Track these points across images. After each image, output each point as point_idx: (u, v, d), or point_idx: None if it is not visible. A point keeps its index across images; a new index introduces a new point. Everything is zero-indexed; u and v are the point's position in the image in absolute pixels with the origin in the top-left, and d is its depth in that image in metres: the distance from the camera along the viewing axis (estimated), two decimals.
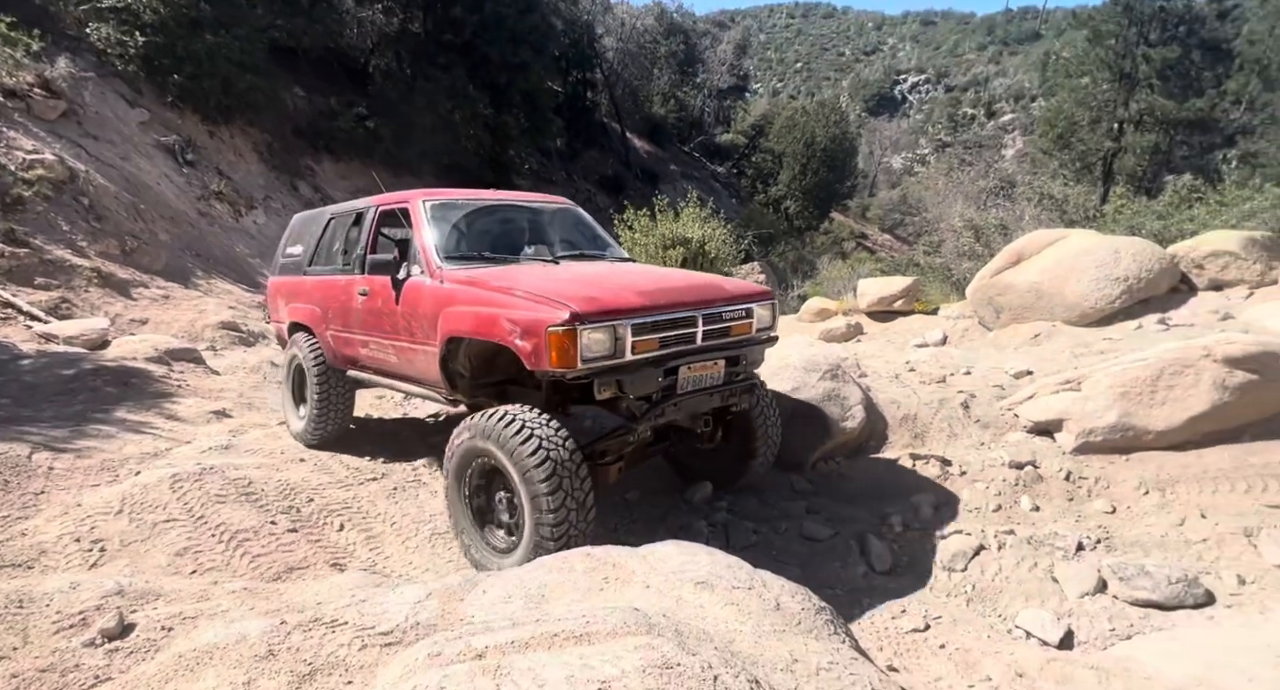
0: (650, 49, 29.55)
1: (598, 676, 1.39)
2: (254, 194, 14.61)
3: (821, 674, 1.86)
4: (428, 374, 3.64)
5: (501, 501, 3.17)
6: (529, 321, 2.90)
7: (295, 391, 4.99)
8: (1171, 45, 22.48)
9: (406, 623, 2.01)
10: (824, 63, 49.87)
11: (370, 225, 4.21)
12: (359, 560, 3.40)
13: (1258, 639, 2.57)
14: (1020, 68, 41.48)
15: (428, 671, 1.47)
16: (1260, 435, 3.91)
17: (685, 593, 2.27)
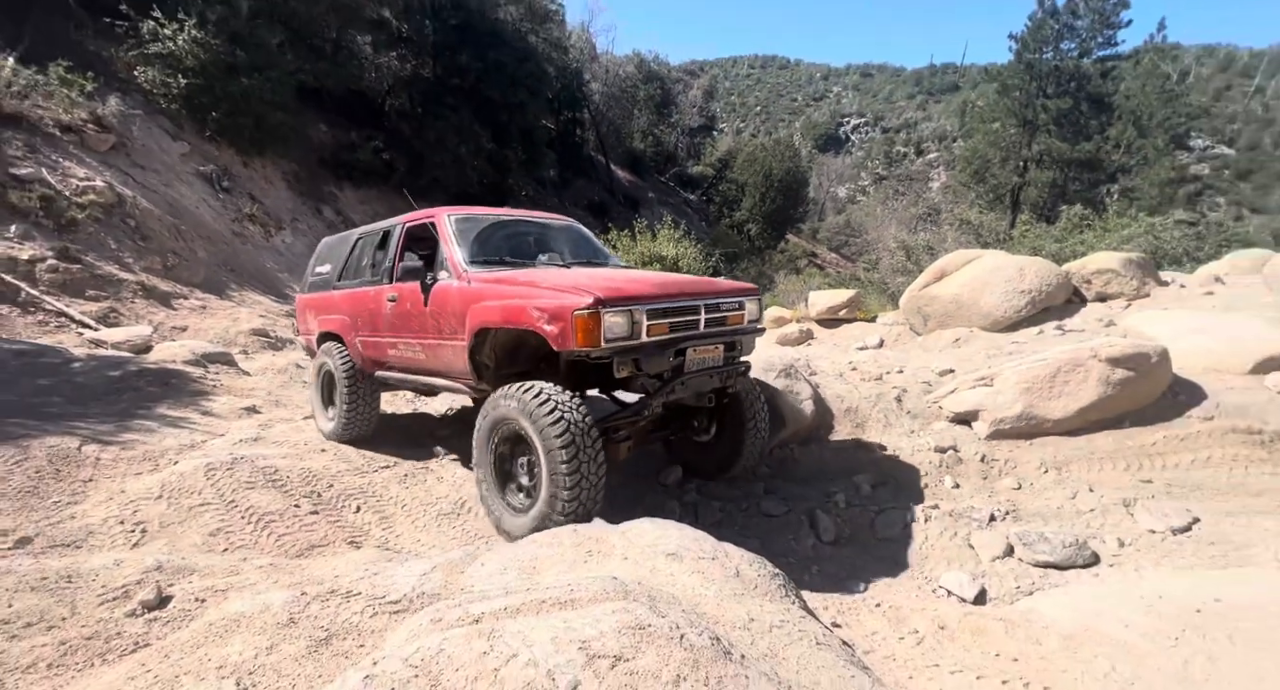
0: (631, 92, 29.59)
1: (579, 637, 1.38)
2: (282, 216, 14.31)
3: (774, 631, 1.87)
4: (454, 366, 3.58)
5: (522, 466, 3.14)
6: (556, 307, 2.89)
7: (324, 395, 4.87)
8: (1064, 98, 23.17)
9: (413, 592, 1.97)
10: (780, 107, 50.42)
11: (398, 239, 4.19)
12: (374, 539, 3.33)
13: (1133, 592, 2.64)
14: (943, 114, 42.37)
15: (430, 635, 1.44)
16: (1136, 422, 4.03)
17: (658, 563, 2.27)
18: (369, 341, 4.36)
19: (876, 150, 44.92)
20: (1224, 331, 4.82)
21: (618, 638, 1.40)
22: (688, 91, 35.60)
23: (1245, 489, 3.40)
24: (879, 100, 48.83)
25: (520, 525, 2.97)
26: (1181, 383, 4.28)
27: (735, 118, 47.68)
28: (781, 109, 49.94)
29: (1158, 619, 2.46)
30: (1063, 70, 23.52)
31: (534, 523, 2.90)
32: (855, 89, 51.25)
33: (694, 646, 1.43)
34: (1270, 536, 2.95)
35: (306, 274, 5.47)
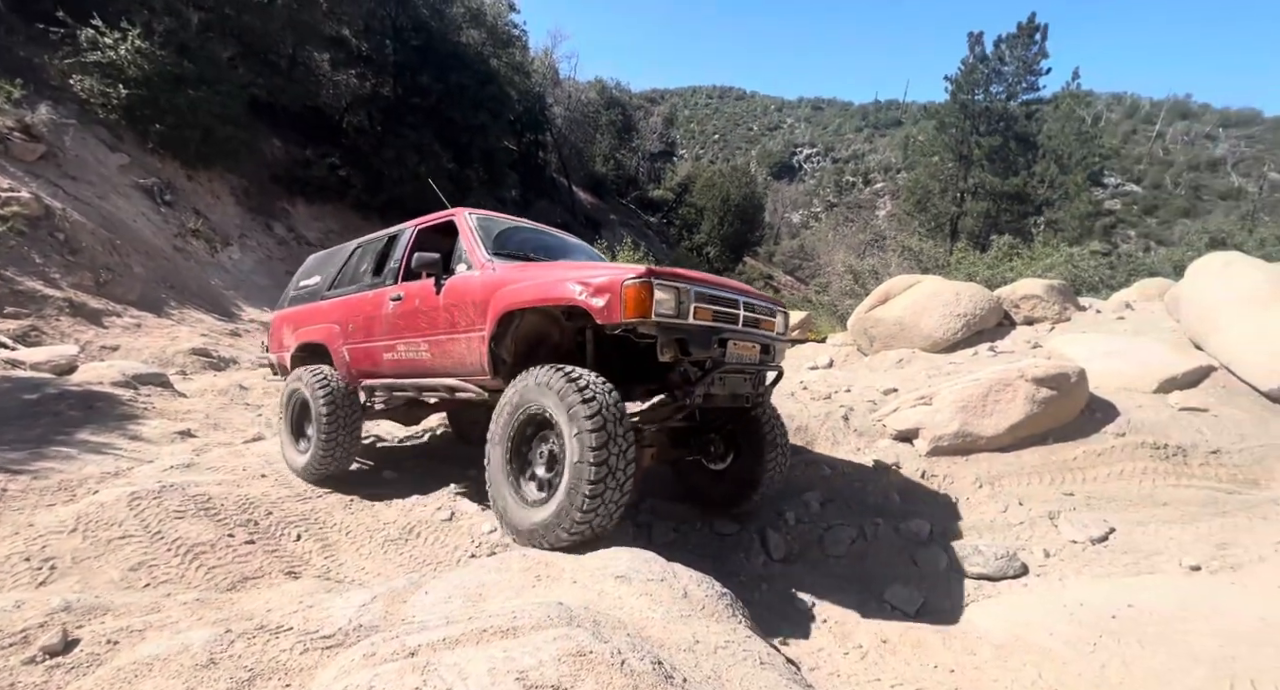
0: (593, 117, 30.04)
1: (517, 667, 1.35)
2: (230, 232, 13.71)
3: (719, 651, 1.88)
4: (466, 362, 3.34)
5: (541, 455, 2.88)
6: (602, 281, 2.73)
7: (294, 426, 4.35)
8: (995, 136, 24.91)
9: (349, 626, 1.88)
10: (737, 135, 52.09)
11: (409, 241, 4.01)
12: (314, 568, 3.16)
13: (1057, 601, 2.78)
14: (888, 147, 44.69)
15: (361, 671, 1.38)
16: (1059, 438, 4.28)
17: (607, 586, 2.25)
18: (360, 348, 4.09)
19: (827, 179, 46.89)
20: (1133, 354, 5.21)
21: (557, 666, 1.37)
22: (648, 118, 36.43)
23: (1153, 500, 3.65)
24: (829, 132, 51.20)
25: (527, 520, 2.75)
26: (1098, 401, 4.58)
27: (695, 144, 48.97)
28: (739, 138, 51.65)
29: (1078, 626, 2.60)
30: (993, 111, 25.33)
31: (547, 518, 2.66)
32: (807, 121, 53.60)
33: (635, 672, 1.41)
34: (1174, 544, 3.17)
35: (288, 290, 5.23)
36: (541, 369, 2.81)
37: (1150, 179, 41.00)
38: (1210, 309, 5.01)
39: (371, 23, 17.08)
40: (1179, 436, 4.14)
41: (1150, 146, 43.54)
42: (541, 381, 2.76)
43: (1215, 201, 32.92)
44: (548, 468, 2.85)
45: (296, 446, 4.34)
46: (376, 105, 18.00)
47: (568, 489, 2.58)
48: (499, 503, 2.91)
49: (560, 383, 2.68)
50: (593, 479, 2.53)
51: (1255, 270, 4.98)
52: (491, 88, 19.10)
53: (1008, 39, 25.03)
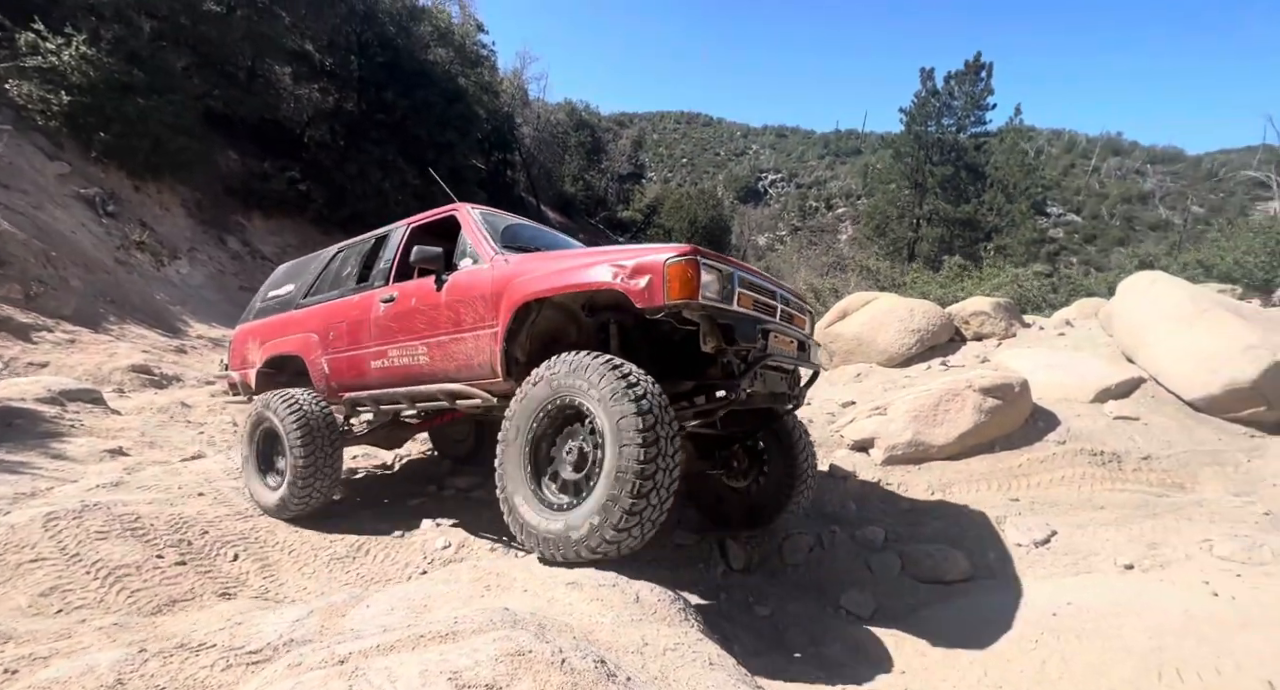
0: (562, 138, 30.40)
1: (451, 667, 1.31)
2: (179, 245, 13.19)
3: (668, 653, 1.86)
4: (473, 363, 3.02)
5: (569, 454, 2.51)
6: (641, 261, 2.48)
7: (262, 458, 3.86)
8: (947, 166, 26.36)
9: (280, 641, 1.79)
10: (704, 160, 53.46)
11: (401, 240, 3.75)
12: (251, 588, 3.00)
13: (1002, 600, 2.87)
14: (848, 174, 46.58)
15: (283, 681, 1.31)
16: (1005, 446, 4.46)
17: (558, 593, 2.21)
18: (343, 358, 3.75)
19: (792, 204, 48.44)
20: (1072, 367, 5.51)
21: (494, 666, 1.34)
22: (617, 140, 37.09)
23: (1092, 503, 3.83)
24: (793, 159, 53.08)
25: (544, 525, 2.41)
26: (1041, 411, 4.81)
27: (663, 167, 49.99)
28: (706, 162, 52.98)
29: (1022, 624, 2.68)
30: (944, 142, 26.83)
31: (570, 527, 2.30)
32: (772, 147, 55.46)
33: (575, 670, 1.39)
34: (1110, 545, 3.32)
35: (254, 302, 4.82)
36: (577, 355, 2.48)
37: (1089, 210, 43.82)
38: (1139, 325, 5.36)
39: (336, 38, 17.00)
40: (1114, 443, 4.37)
41: (1088, 179, 46.65)
42: (579, 370, 2.41)
43: (1146, 232, 35.40)
44: (575, 467, 2.49)
45: (265, 482, 3.81)
46: (340, 120, 17.79)
47: (603, 500, 2.23)
48: (511, 502, 2.56)
49: (604, 374, 2.33)
50: (636, 493, 2.18)
51: (1178, 289, 5.36)
52: (459, 106, 19.16)
53: (956, 75, 26.69)
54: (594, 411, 2.34)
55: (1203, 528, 3.23)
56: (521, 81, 29.28)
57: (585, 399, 2.38)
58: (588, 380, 2.37)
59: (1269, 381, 4.25)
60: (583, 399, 2.39)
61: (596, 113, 35.33)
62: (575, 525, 2.30)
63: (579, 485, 2.45)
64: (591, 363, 2.40)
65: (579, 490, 2.43)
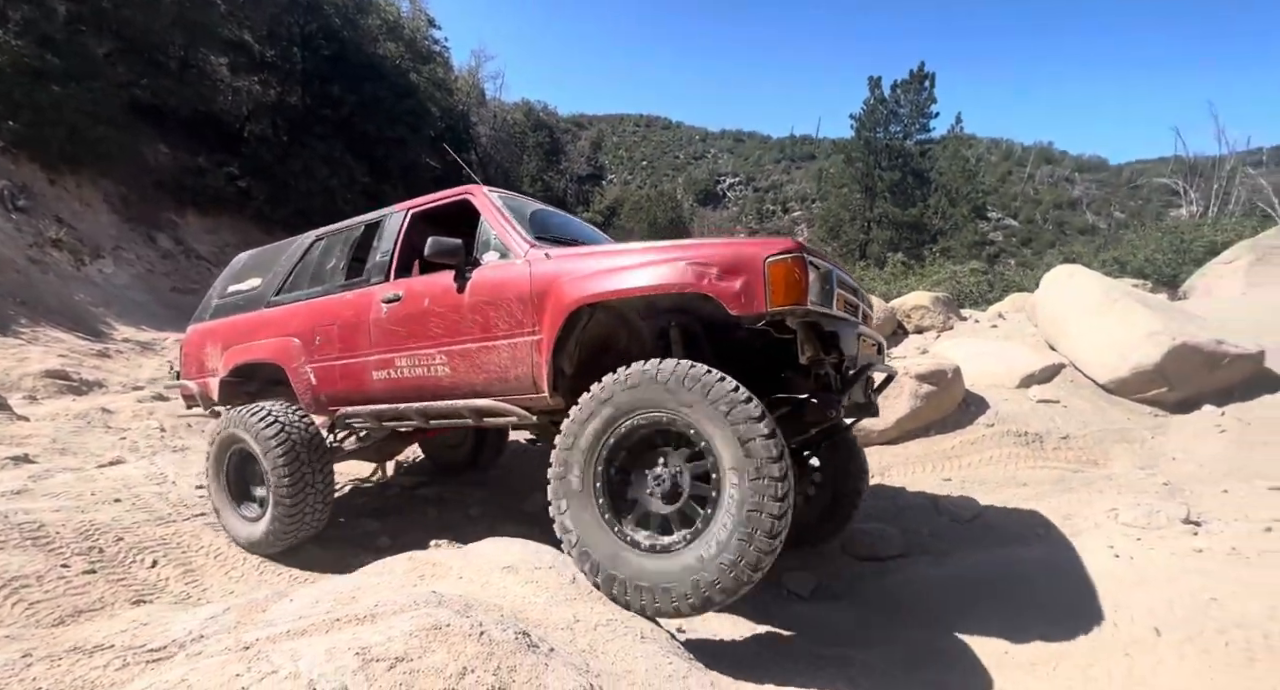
0: (520, 139, 30.09)
1: (360, 644, 1.28)
2: (102, 243, 12.34)
3: (599, 628, 1.87)
4: (508, 376, 2.60)
5: (658, 482, 2.11)
6: (734, 257, 2.12)
7: (234, 484, 3.36)
8: (895, 171, 27.49)
9: (188, 637, 1.70)
10: (664, 163, 53.90)
11: (400, 228, 3.23)
12: (170, 594, 2.83)
13: (935, 573, 3.01)
14: (803, 178, 47.87)
15: (177, 669, 1.25)
16: (939, 430, 4.69)
17: (493, 577, 2.18)
18: (334, 367, 3.21)
19: (749, 207, 49.36)
20: (1002, 356, 5.84)
21: (406, 641, 1.31)
22: (576, 142, 37.01)
23: (1016, 480, 4.06)
24: (750, 163, 54.15)
25: (643, 571, 2.00)
26: (972, 396, 5.07)
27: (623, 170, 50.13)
28: (665, 165, 53.44)
29: (952, 591, 2.82)
30: (892, 148, 27.97)
31: (695, 570, 1.91)
32: (730, 152, 56.44)
33: (493, 641, 1.38)
34: (1031, 518, 3.53)
35: (208, 298, 4.16)
36: (669, 365, 2.08)
37: (1025, 215, 46.41)
38: (1059, 315, 5.73)
39: (277, 28, 16.31)
40: (1036, 425, 4.65)
41: (1023, 186, 49.42)
42: (682, 383, 2.01)
43: (1076, 235, 37.79)
44: (668, 499, 2.11)
45: (241, 513, 3.31)
46: (282, 114, 17.06)
47: (737, 538, 1.86)
48: (585, 548, 2.12)
49: (722, 390, 1.96)
50: (771, 533, 1.85)
51: (1093, 281, 5.76)
52: (410, 102, 18.69)
53: (902, 84, 27.86)
54: (708, 435, 1.97)
55: (1111, 499, 3.48)
56: (477, 80, 28.83)
57: (694, 419, 1.99)
58: (698, 396, 1.98)
59: (1170, 364, 4.62)
60: (690, 419, 2.00)
61: (555, 113, 35.17)
62: (697, 567, 1.91)
63: (676, 520, 2.09)
64: (703, 376, 2.01)
65: (685, 523, 2.06)
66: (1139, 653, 2.14)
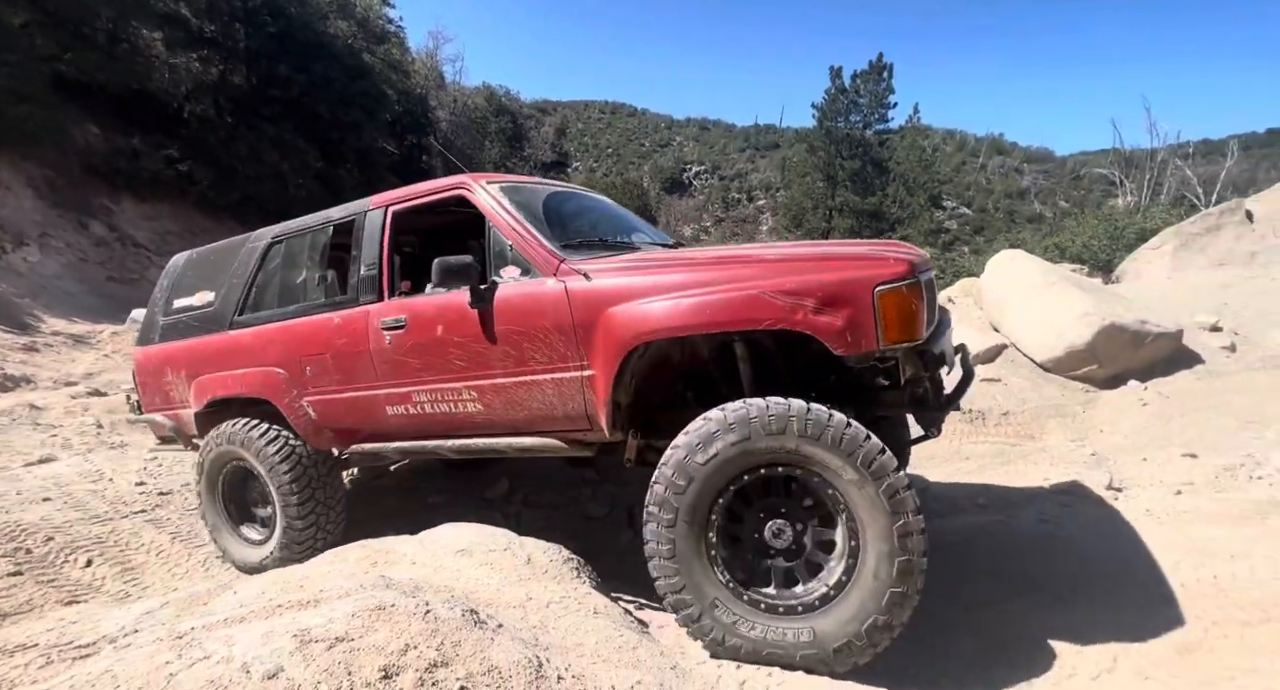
0: (481, 124, 29.35)
1: (299, 627, 1.26)
2: (26, 230, 11.51)
3: (551, 606, 1.89)
4: (555, 413, 2.31)
5: (780, 536, 1.92)
6: (835, 286, 1.84)
7: (230, 506, 3.14)
8: (855, 160, 28.03)
9: (120, 632, 1.63)
10: (630, 151, 53.49)
11: (382, 231, 2.72)
12: (107, 594, 2.72)
13: None
14: (767, 167, 48.28)
15: (99, 661, 1.20)
16: None
17: (446, 561, 2.17)
18: (337, 401, 2.80)
19: (715, 195, 49.55)
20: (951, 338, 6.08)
21: (348, 621, 1.30)
22: (540, 128, 36.33)
23: (960, 455, 4.26)
24: (715, 151, 54.31)
25: (791, 636, 1.85)
26: None
27: (589, 157, 49.55)
28: (631, 153, 53.06)
29: None
30: (853, 138, 28.49)
31: (836, 635, 1.80)
32: (695, 140, 56.45)
33: (439, 619, 1.38)
34: (973, 490, 3.72)
35: (151, 313, 3.58)
36: (794, 406, 1.85)
37: (978, 204, 48.07)
38: (1001, 297, 5.99)
39: (216, 2, 15.36)
40: (980, 402, 4.88)
41: (976, 176, 51.08)
42: (811, 426, 1.81)
43: (1025, 224, 39.39)
44: (787, 556, 1.93)
45: (242, 536, 3.09)
46: (226, 94, 16.14)
47: (883, 586, 1.76)
48: (704, 611, 1.91)
49: (850, 437, 1.80)
50: (919, 585, 1.77)
51: (1032, 265, 6.05)
52: (364, 83, 17.96)
53: (862, 75, 28.32)
54: (843, 490, 1.80)
55: (1044, 470, 3.69)
56: (435, 62, 27.90)
57: (826, 468, 1.81)
58: (830, 447, 1.79)
59: (1100, 343, 4.91)
60: (820, 468, 1.81)
61: (517, 99, 34.38)
62: (842, 631, 1.79)
63: (818, 573, 1.90)
64: (829, 419, 1.82)
65: (825, 577, 1.88)
66: (1061, 604, 2.31)
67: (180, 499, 3.65)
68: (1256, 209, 7.81)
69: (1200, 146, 30.21)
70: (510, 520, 3.73)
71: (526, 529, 3.54)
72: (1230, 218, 7.84)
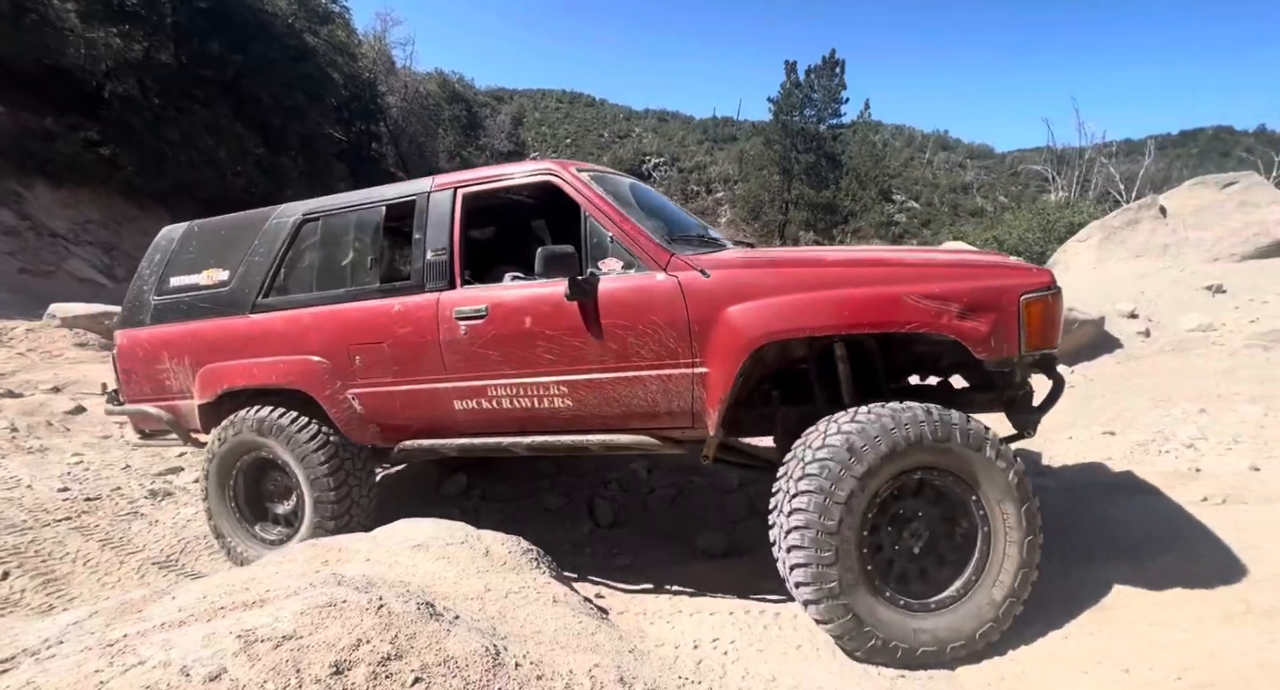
0: (434, 111, 28.40)
1: (243, 627, 1.22)
2: None
3: (509, 596, 1.89)
4: (656, 409, 2.29)
5: (919, 534, 2.03)
6: (982, 292, 1.93)
7: (241, 502, 2.94)
8: (810, 154, 28.65)
9: (41, 645, 1.54)
10: (588, 141, 53.00)
11: (452, 218, 2.58)
12: (27, 608, 2.54)
13: None
14: (725, 160, 48.71)
15: (20, 676, 1.14)
16: None
17: (401, 556, 2.14)
18: (393, 394, 2.65)
19: (674, 187, 49.67)
20: None
21: (296, 619, 1.27)
22: (495, 116, 35.44)
23: None
24: (674, 143, 54.44)
25: (920, 627, 1.96)
26: None
27: (547, 147, 48.81)
28: (590, 143, 52.58)
29: None
30: (807, 132, 29.08)
31: (962, 629, 1.96)
32: (654, 131, 56.41)
33: (392, 613, 1.36)
34: None
35: (140, 291, 3.22)
36: (918, 407, 1.97)
37: (925, 198, 50.00)
38: None
39: None
40: None
41: (923, 171, 53.07)
42: (958, 430, 1.92)
43: (968, 217, 41.25)
44: (921, 552, 2.04)
45: (257, 535, 2.90)
46: (152, 73, 15.03)
47: (1015, 567, 1.95)
48: (861, 614, 1.94)
49: (992, 440, 1.95)
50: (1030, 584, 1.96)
51: None
52: (307, 66, 17.09)
53: (815, 70, 28.89)
54: (984, 490, 1.95)
55: None
56: (384, 46, 26.77)
57: (970, 474, 1.94)
58: (975, 450, 1.92)
59: None
60: (965, 474, 1.95)
61: (471, 86, 33.42)
62: (980, 617, 1.95)
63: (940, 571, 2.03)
64: (987, 432, 1.96)
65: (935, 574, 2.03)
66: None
67: (110, 504, 3.44)
68: (1169, 205, 8.45)
69: (1123, 146, 32.37)
70: (468, 515, 3.69)
71: (485, 523, 3.51)
72: (1146, 213, 8.45)
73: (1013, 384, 2.28)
